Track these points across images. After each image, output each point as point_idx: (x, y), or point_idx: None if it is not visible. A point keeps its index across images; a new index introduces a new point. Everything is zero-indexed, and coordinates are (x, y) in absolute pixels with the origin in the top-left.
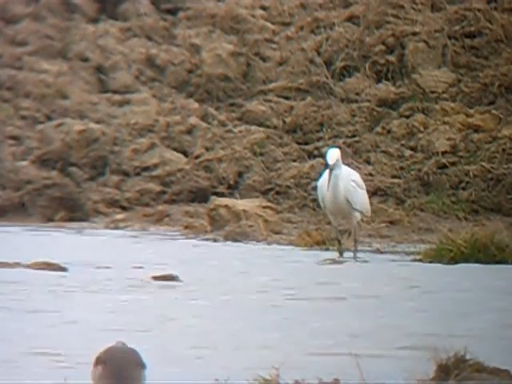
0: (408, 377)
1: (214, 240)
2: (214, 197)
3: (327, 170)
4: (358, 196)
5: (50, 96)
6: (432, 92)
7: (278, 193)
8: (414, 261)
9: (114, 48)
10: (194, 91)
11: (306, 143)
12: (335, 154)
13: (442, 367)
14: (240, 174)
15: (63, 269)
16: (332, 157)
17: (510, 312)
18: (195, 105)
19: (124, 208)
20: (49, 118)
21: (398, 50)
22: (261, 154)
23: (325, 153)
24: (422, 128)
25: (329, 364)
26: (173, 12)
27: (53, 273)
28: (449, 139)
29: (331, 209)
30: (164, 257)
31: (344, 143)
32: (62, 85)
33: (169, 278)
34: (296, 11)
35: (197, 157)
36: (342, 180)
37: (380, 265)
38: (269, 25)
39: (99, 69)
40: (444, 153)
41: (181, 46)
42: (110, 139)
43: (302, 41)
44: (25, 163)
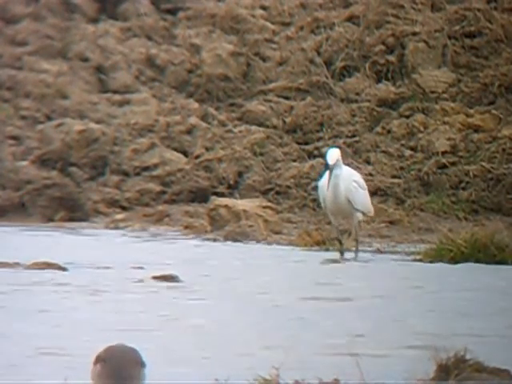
0: (408, 377)
1: (214, 240)
2: (214, 197)
3: (327, 170)
4: (360, 196)
5: (50, 96)
6: (432, 92)
7: (278, 193)
8: (414, 261)
9: (114, 48)
10: (194, 91)
11: (306, 143)
12: (335, 154)
13: (442, 367)
14: (240, 174)
15: (63, 269)
16: (332, 157)
17: (511, 312)
18: (195, 105)
19: (124, 208)
20: (49, 118)
21: (398, 50)
22: (261, 154)
23: (325, 153)
24: (422, 128)
25: (329, 364)
26: (173, 12)
27: (53, 273)
28: (449, 139)
29: (332, 209)
30: (164, 257)
31: (344, 143)
32: (62, 85)
33: (169, 278)
34: (296, 11)
35: (197, 157)
36: (343, 180)
37: (381, 265)
38: (269, 25)
39: (99, 69)
40: (444, 153)
41: (181, 46)
42: (110, 139)
43: (302, 41)
44: (25, 163)
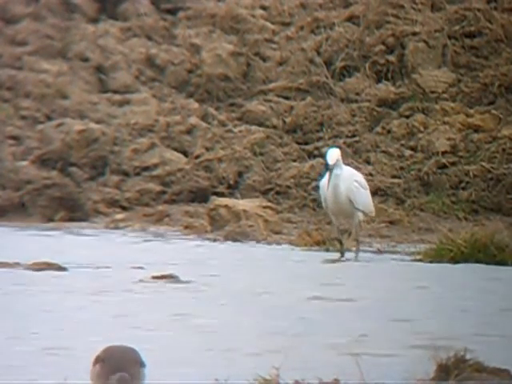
0: (408, 377)
1: (214, 240)
2: (214, 197)
3: (328, 170)
4: (361, 196)
5: (50, 96)
6: (432, 92)
7: (278, 193)
8: (414, 261)
9: (114, 48)
10: (194, 91)
11: (306, 143)
12: (335, 154)
13: (442, 367)
14: (240, 174)
15: (63, 269)
16: (332, 157)
17: (510, 312)
18: (195, 105)
19: (124, 208)
20: (49, 118)
21: (398, 50)
22: (261, 154)
23: (325, 153)
24: (422, 128)
25: (329, 364)
26: (173, 12)
27: (53, 273)
28: (449, 139)
29: (333, 209)
30: (164, 257)
31: (344, 143)
32: (62, 85)
33: (169, 278)
34: (296, 11)
35: (197, 157)
36: (344, 180)
37: (381, 265)
38: (269, 25)
39: (99, 69)
40: (444, 153)
41: (181, 46)
42: (110, 139)
43: (302, 41)
44: (25, 163)
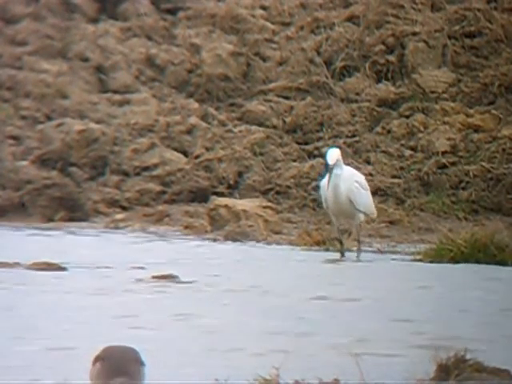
0: (408, 377)
1: (214, 240)
2: (214, 197)
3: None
4: (362, 197)
5: (50, 96)
6: (432, 92)
7: (278, 193)
8: (414, 261)
9: (114, 48)
10: (194, 91)
11: (306, 143)
12: (335, 154)
13: (442, 367)
14: (240, 174)
15: (63, 269)
16: (332, 157)
17: (511, 312)
18: (195, 105)
19: (124, 208)
20: (49, 118)
21: (398, 50)
22: (261, 154)
23: (325, 153)
24: (422, 128)
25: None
26: (173, 12)
27: (53, 273)
28: (449, 139)
29: (334, 209)
30: (164, 257)
31: (344, 143)
32: (62, 85)
33: (169, 278)
34: (296, 11)
35: (197, 157)
36: (345, 181)
37: (381, 265)
38: (269, 25)
39: (99, 69)
40: (444, 153)
41: (181, 46)
42: (110, 139)
43: (302, 41)
44: (25, 163)
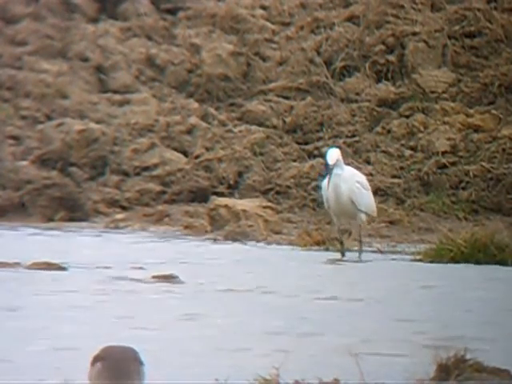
0: (408, 377)
1: (214, 240)
2: (214, 197)
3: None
4: (363, 197)
5: (50, 96)
6: (432, 92)
7: (278, 193)
8: (414, 261)
9: (114, 48)
10: (194, 91)
11: (306, 143)
12: (335, 154)
13: (442, 367)
14: (240, 174)
15: (63, 269)
16: (332, 157)
17: (511, 312)
18: (195, 105)
19: (124, 208)
20: (49, 118)
21: (398, 50)
22: (261, 154)
23: (325, 153)
24: (422, 128)
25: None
26: (173, 12)
27: (53, 273)
28: (449, 139)
29: (335, 210)
30: (164, 257)
31: (344, 143)
32: (62, 85)
33: (169, 278)
34: (296, 11)
35: (197, 157)
36: (346, 181)
37: (381, 265)
38: (269, 25)
39: (99, 69)
40: (444, 153)
41: (181, 46)
42: (110, 139)
43: (302, 41)
44: (25, 163)
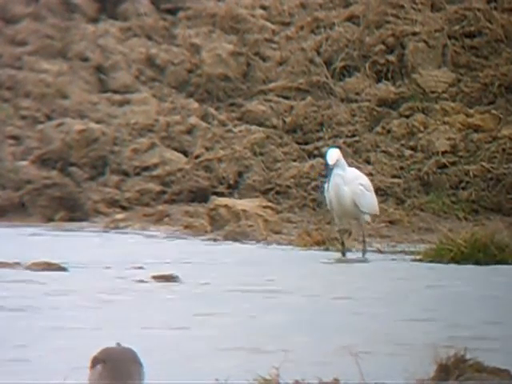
0: (408, 377)
1: (214, 240)
2: (214, 197)
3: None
4: (366, 199)
5: (50, 96)
6: (432, 92)
7: (278, 193)
8: (414, 261)
9: (114, 48)
10: (194, 91)
11: (306, 143)
12: (335, 154)
13: (442, 367)
14: (240, 174)
15: (63, 269)
16: (332, 157)
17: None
18: (195, 105)
19: (124, 208)
20: (49, 118)
21: (398, 50)
22: (261, 154)
23: (325, 153)
24: (422, 128)
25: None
26: (173, 12)
27: (53, 273)
28: (449, 139)
29: (337, 211)
30: (164, 257)
31: (344, 143)
32: (62, 85)
33: (169, 278)
34: (296, 11)
35: (197, 157)
36: (349, 183)
37: (381, 265)
38: (269, 25)
39: (99, 69)
40: (444, 153)
41: (181, 46)
42: (110, 139)
43: (302, 41)
44: (25, 163)
